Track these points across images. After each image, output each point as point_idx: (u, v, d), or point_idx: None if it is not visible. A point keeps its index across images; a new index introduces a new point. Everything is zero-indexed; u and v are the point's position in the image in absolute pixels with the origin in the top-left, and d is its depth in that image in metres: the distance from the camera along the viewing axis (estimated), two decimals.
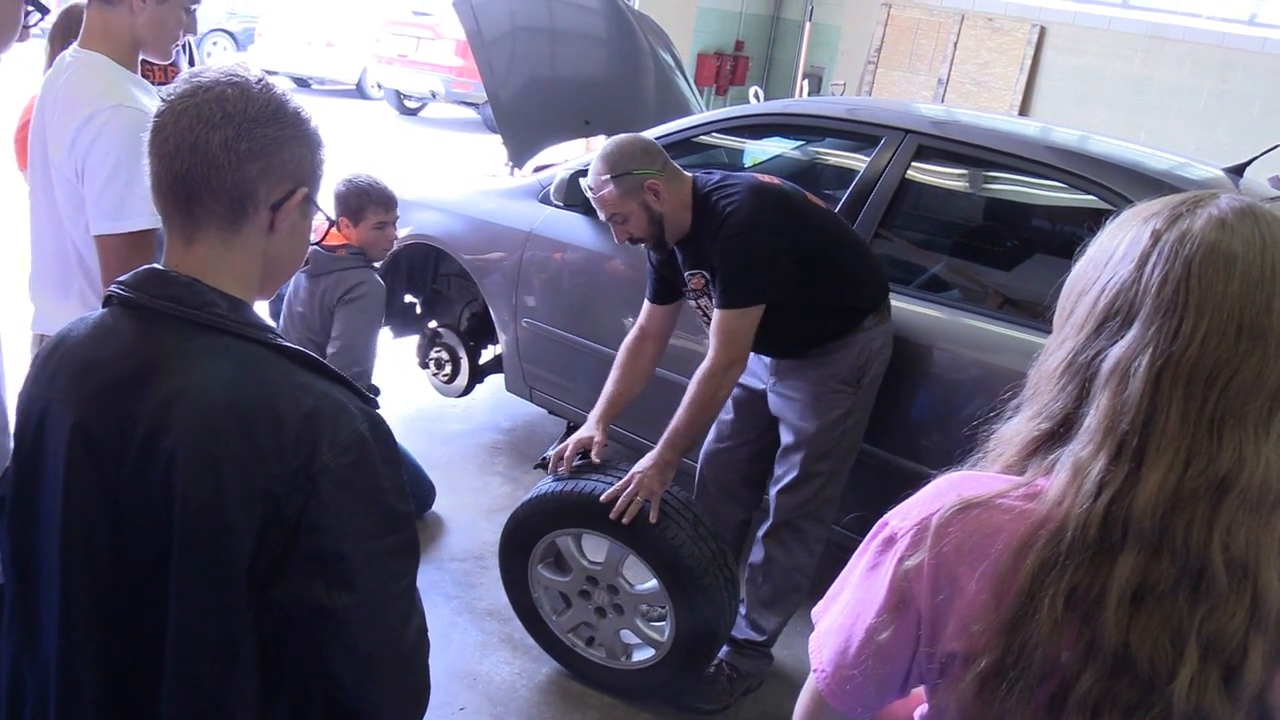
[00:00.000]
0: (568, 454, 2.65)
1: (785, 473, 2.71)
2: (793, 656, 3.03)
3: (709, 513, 2.65)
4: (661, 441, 2.53)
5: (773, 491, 2.76)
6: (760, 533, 2.81)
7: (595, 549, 2.70)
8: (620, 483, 2.51)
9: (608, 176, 2.58)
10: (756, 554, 2.81)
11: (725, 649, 2.85)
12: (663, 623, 2.66)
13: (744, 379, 2.86)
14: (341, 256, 3.26)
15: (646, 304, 2.86)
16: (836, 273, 2.63)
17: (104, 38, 2.03)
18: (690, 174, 2.68)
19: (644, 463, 2.53)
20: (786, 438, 2.71)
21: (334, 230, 3.30)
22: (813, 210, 2.66)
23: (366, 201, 3.23)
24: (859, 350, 2.64)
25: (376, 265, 3.36)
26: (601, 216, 2.69)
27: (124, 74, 2.03)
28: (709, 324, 2.60)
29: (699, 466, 2.98)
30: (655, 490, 2.49)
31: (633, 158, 2.58)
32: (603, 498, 2.50)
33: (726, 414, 2.91)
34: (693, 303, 2.77)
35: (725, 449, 2.93)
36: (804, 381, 2.68)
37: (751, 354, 2.81)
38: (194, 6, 2.10)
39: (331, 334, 3.25)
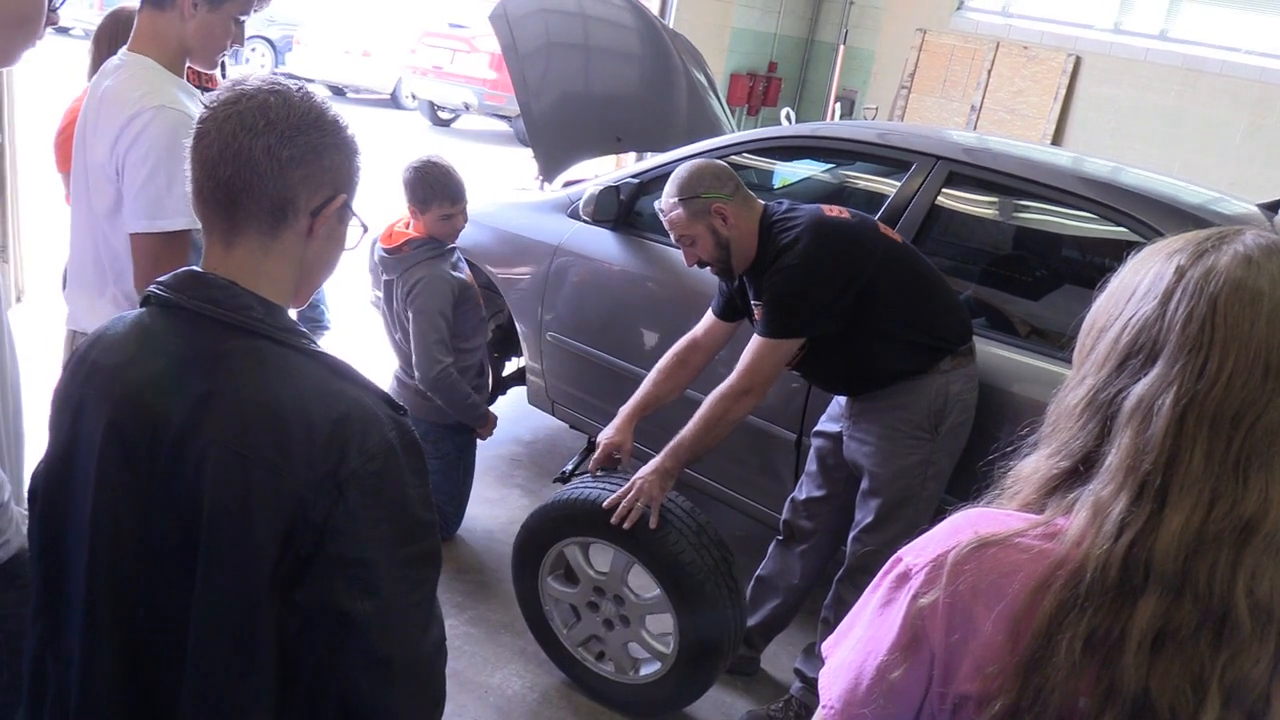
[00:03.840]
0: (597, 455, 2.73)
1: (863, 517, 2.67)
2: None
3: (712, 524, 2.63)
4: (665, 449, 2.55)
5: (850, 535, 2.71)
6: (836, 576, 2.77)
7: (602, 559, 2.72)
8: (622, 489, 2.54)
9: (676, 199, 2.64)
10: (830, 595, 2.78)
11: (797, 685, 2.83)
12: (668, 635, 2.66)
13: (825, 424, 2.86)
14: (405, 255, 3.25)
15: (708, 315, 2.89)
16: (904, 309, 2.58)
17: (153, 41, 2.06)
18: (763, 203, 2.69)
19: (645, 469, 2.55)
20: (864, 483, 2.67)
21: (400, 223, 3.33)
22: (881, 243, 2.61)
23: (432, 195, 3.22)
24: (934, 394, 2.57)
25: (449, 248, 3.34)
26: (672, 237, 2.73)
27: (170, 78, 2.05)
28: None
29: (783, 513, 2.95)
30: (655, 496, 2.51)
31: (702, 181, 2.62)
32: (605, 504, 2.53)
33: (813, 465, 2.88)
34: None
35: (813, 500, 2.87)
36: (877, 425, 2.63)
37: (837, 398, 2.82)
38: (243, 17, 2.13)
39: None
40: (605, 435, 2.78)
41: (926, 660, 0.91)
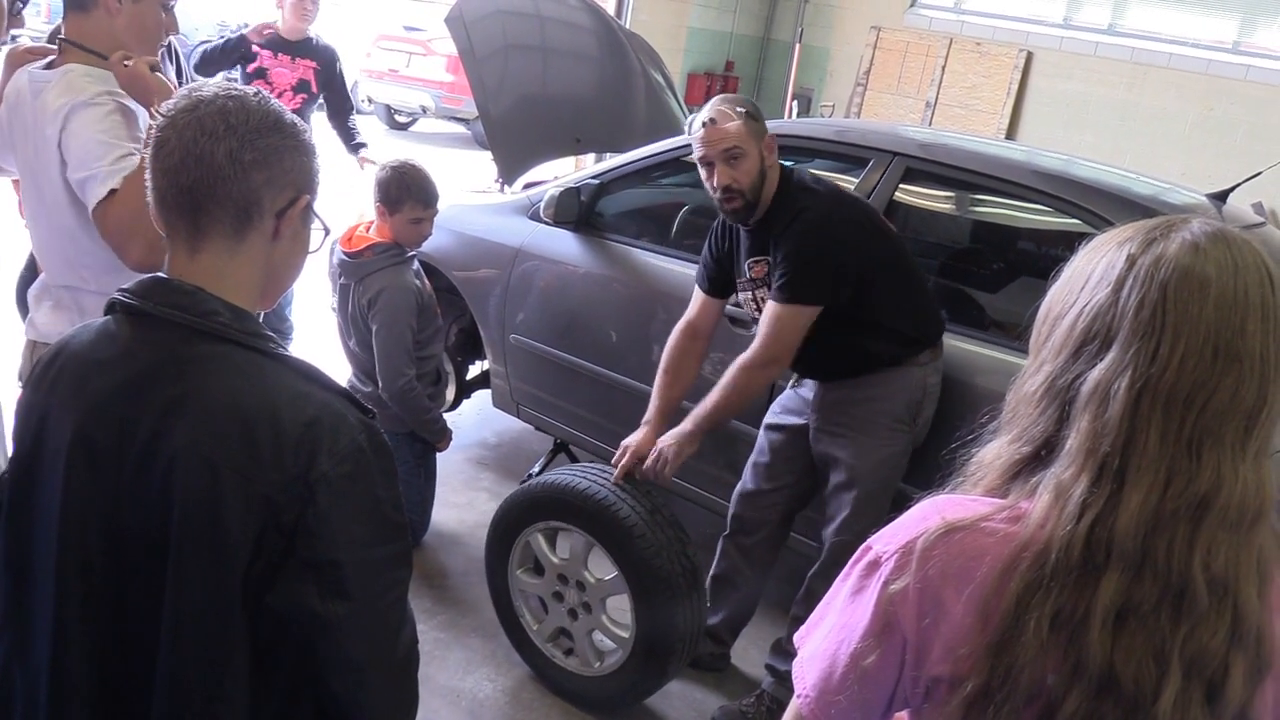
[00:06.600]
0: (624, 460, 2.65)
1: (837, 511, 2.65)
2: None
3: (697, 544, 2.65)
4: (689, 415, 2.57)
5: (826, 531, 2.70)
6: (810, 572, 2.77)
7: (565, 548, 2.80)
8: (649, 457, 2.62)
9: (743, 110, 2.55)
10: (801, 590, 2.78)
11: (769, 680, 2.84)
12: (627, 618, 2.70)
13: (784, 417, 2.85)
14: (367, 260, 3.18)
15: (698, 296, 2.85)
16: (896, 296, 2.61)
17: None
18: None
19: (667, 436, 2.59)
20: (838, 476, 2.65)
21: (365, 225, 3.27)
22: (883, 230, 2.66)
23: (406, 195, 3.15)
24: (914, 385, 2.60)
25: (411, 255, 3.28)
26: (706, 153, 2.55)
27: (102, 75, 1.98)
28: (758, 320, 2.61)
29: (731, 507, 2.95)
30: (670, 459, 2.56)
31: (761, 113, 2.60)
32: (618, 467, 2.63)
33: (763, 457, 2.87)
34: (745, 294, 2.73)
35: (763, 491, 2.87)
36: (854, 418, 2.63)
37: (793, 390, 2.82)
38: (173, 4, 2.06)
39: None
40: (633, 441, 2.69)
41: (899, 645, 0.93)
